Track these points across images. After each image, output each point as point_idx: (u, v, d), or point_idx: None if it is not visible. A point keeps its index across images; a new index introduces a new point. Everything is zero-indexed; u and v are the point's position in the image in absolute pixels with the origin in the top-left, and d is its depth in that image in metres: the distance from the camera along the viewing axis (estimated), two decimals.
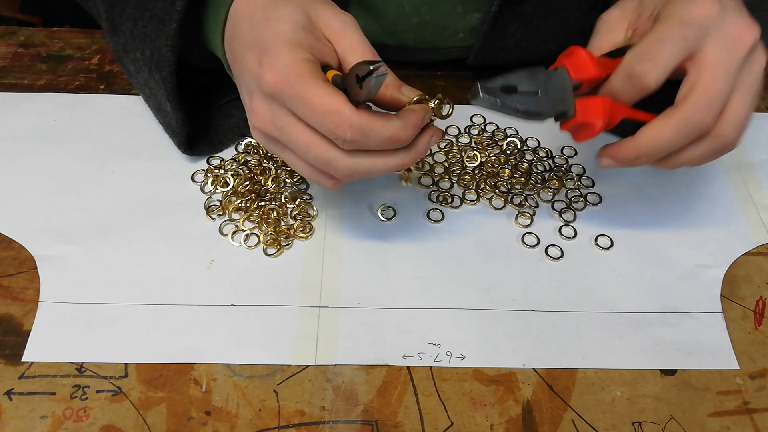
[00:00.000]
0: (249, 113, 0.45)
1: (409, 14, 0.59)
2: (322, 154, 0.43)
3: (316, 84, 0.41)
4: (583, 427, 0.45)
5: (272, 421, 0.44)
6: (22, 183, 0.56)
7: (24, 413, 0.44)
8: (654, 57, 0.43)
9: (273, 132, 0.44)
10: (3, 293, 0.49)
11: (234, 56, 0.46)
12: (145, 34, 0.51)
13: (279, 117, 0.43)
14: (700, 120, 0.43)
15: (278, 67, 0.42)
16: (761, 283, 0.53)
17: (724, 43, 0.43)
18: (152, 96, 0.56)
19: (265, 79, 0.42)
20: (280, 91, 0.42)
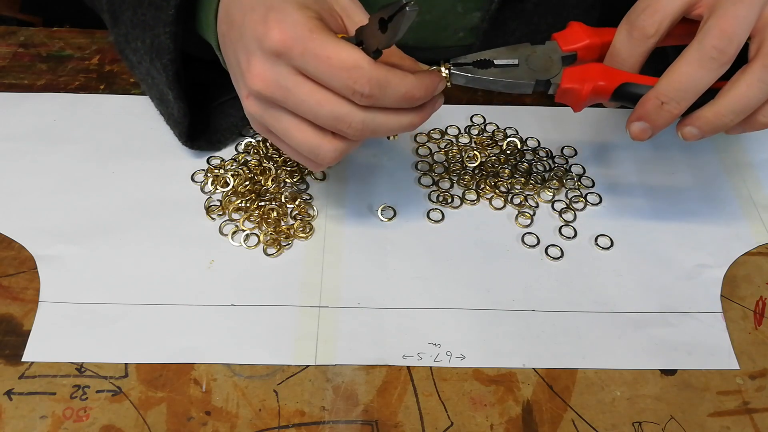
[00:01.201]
0: (247, 77, 0.42)
1: None
2: (336, 110, 0.41)
3: (330, 38, 0.40)
4: (583, 427, 0.45)
5: (272, 421, 0.44)
6: (22, 183, 0.56)
7: (24, 413, 0.44)
8: (651, 4, 0.41)
9: (276, 94, 0.42)
10: (3, 293, 0.50)
11: (231, 25, 0.44)
12: (145, 22, 0.51)
13: (285, 76, 0.41)
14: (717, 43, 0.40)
15: (287, 23, 0.40)
16: (761, 283, 0.53)
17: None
18: (154, 86, 0.55)
19: (271, 35, 0.40)
20: (289, 47, 0.40)
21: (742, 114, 0.43)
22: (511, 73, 0.42)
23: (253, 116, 0.45)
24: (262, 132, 0.47)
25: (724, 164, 0.61)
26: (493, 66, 0.42)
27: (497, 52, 0.42)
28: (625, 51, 0.42)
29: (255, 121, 0.46)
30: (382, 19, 0.39)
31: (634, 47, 0.42)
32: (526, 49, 0.43)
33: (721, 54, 0.41)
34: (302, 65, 0.41)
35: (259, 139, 0.59)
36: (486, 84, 0.42)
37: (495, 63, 0.42)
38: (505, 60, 0.42)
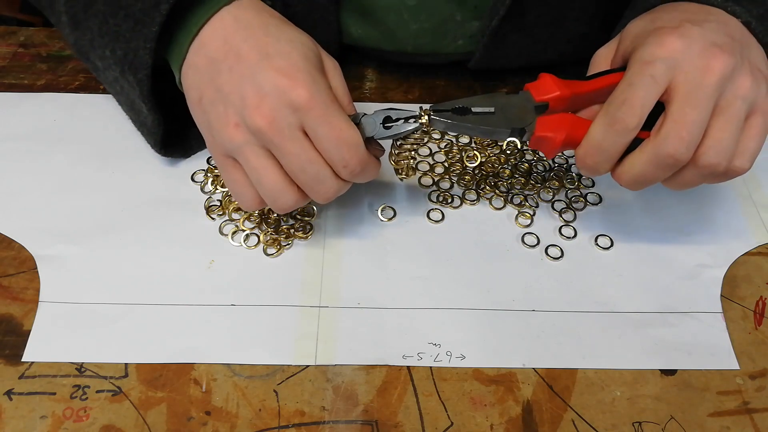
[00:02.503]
0: (250, 111, 0.44)
1: (408, 21, 0.59)
2: (321, 173, 0.45)
3: (343, 114, 0.44)
4: (583, 427, 0.45)
5: (272, 421, 0.44)
6: (22, 183, 0.56)
7: (24, 413, 0.44)
8: (628, 100, 0.43)
9: (274, 137, 0.44)
10: (3, 293, 0.50)
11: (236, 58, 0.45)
12: (118, 33, 0.49)
13: (291, 127, 0.44)
14: (674, 150, 0.43)
15: (315, 87, 0.43)
16: (761, 283, 0.53)
17: (692, 74, 0.43)
18: (123, 94, 0.55)
19: (298, 92, 0.43)
20: (311, 108, 0.43)
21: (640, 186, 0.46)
22: (488, 120, 0.44)
23: (231, 144, 0.45)
24: (223, 161, 0.47)
25: None
26: (470, 113, 0.44)
27: (474, 100, 0.45)
28: (608, 142, 0.44)
29: (224, 150, 0.46)
30: (389, 118, 0.45)
31: (616, 139, 0.44)
32: (502, 97, 0.45)
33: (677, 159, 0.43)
34: (312, 126, 0.44)
35: None
36: (464, 130, 0.45)
37: (472, 111, 0.44)
38: (481, 108, 0.45)
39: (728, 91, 0.43)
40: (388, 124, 0.46)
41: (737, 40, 0.45)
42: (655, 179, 0.46)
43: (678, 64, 0.43)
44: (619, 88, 0.44)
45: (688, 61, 0.43)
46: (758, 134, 0.45)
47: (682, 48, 0.43)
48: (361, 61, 0.67)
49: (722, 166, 0.44)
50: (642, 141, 0.44)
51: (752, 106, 0.44)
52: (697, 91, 0.43)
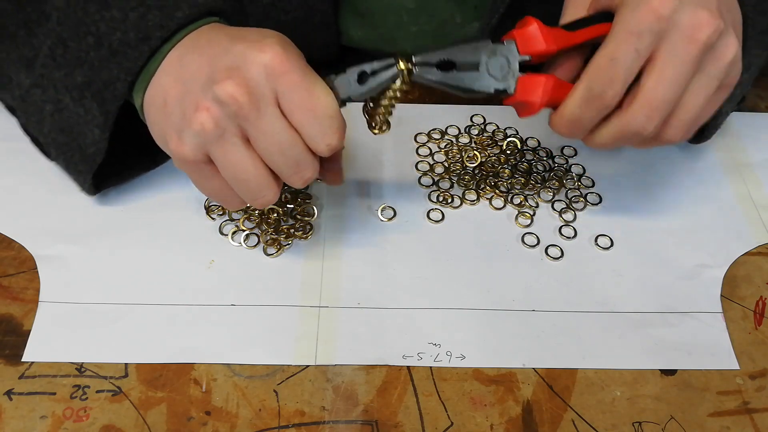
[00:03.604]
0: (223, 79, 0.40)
1: (407, 24, 0.59)
2: (300, 154, 0.42)
3: (320, 81, 0.40)
4: (583, 427, 0.45)
5: (272, 421, 0.44)
6: (22, 183, 0.56)
7: (24, 413, 0.44)
8: (610, 77, 0.41)
9: (250, 110, 0.40)
10: (3, 293, 0.49)
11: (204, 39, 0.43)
12: (82, 59, 0.46)
13: (265, 99, 0.40)
14: (642, 129, 0.42)
15: (288, 52, 0.40)
16: (761, 283, 0.53)
17: (675, 44, 0.41)
18: (59, 116, 0.49)
19: (271, 56, 0.39)
20: (285, 71, 0.39)
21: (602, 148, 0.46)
22: (471, 79, 0.43)
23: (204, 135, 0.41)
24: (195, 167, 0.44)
25: (724, 164, 0.61)
26: (454, 69, 0.42)
27: (460, 51, 0.42)
28: (585, 117, 0.43)
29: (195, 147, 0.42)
30: (364, 73, 0.40)
31: (594, 114, 0.43)
32: (488, 48, 0.43)
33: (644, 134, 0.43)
34: (288, 94, 0.40)
35: None
36: (444, 88, 0.43)
37: (457, 65, 0.42)
38: (467, 61, 0.42)
39: (708, 62, 0.41)
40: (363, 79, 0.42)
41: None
42: (619, 146, 0.45)
43: (664, 32, 0.41)
44: (601, 61, 0.42)
45: (674, 27, 0.40)
46: (714, 108, 0.44)
47: (670, 12, 0.40)
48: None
49: (679, 139, 0.43)
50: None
51: (723, 79, 0.43)
52: (677, 65, 0.41)
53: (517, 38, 0.43)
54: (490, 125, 0.63)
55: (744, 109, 0.66)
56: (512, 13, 0.56)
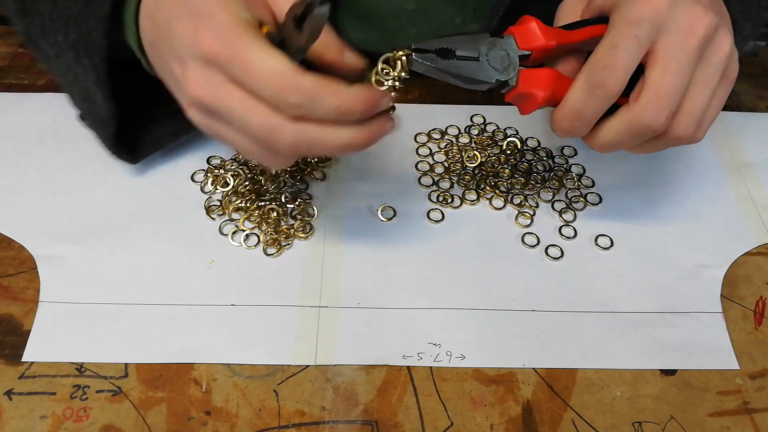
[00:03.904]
0: (184, 86, 0.41)
1: (407, 26, 0.59)
2: (264, 121, 0.39)
3: (256, 44, 0.38)
4: (583, 427, 0.45)
5: (272, 421, 0.44)
6: (22, 183, 0.56)
7: (24, 413, 0.44)
8: (611, 64, 0.41)
9: (210, 101, 0.40)
10: (3, 293, 0.50)
11: (158, 31, 0.42)
12: (69, 15, 0.47)
13: (217, 84, 0.39)
14: (652, 121, 0.42)
15: (215, 29, 0.38)
16: (761, 283, 0.53)
17: (675, 36, 0.41)
18: (76, 83, 0.51)
19: (202, 43, 0.38)
20: (218, 53, 0.38)
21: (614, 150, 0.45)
22: (471, 69, 0.41)
23: (198, 125, 0.43)
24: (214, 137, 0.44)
25: (724, 164, 0.61)
26: (454, 57, 0.41)
27: (459, 41, 0.41)
28: (588, 108, 0.43)
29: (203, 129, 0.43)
30: (295, 17, 0.37)
31: (597, 104, 0.43)
32: (486, 41, 0.42)
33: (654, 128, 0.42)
34: (232, 72, 0.39)
35: None
36: (445, 77, 0.41)
37: (456, 54, 0.41)
38: (466, 52, 0.41)
39: (708, 54, 0.42)
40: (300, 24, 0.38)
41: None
42: (628, 146, 0.44)
43: (662, 24, 0.41)
44: (601, 50, 0.42)
45: (671, 21, 0.41)
46: (720, 104, 0.44)
47: (666, 6, 0.41)
48: None
49: (690, 136, 0.43)
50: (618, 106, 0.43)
51: (724, 71, 0.43)
52: (679, 57, 0.41)
53: (516, 34, 0.43)
54: (490, 125, 0.63)
55: (744, 109, 0.66)
56: (511, 15, 0.56)
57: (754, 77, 0.69)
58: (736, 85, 0.67)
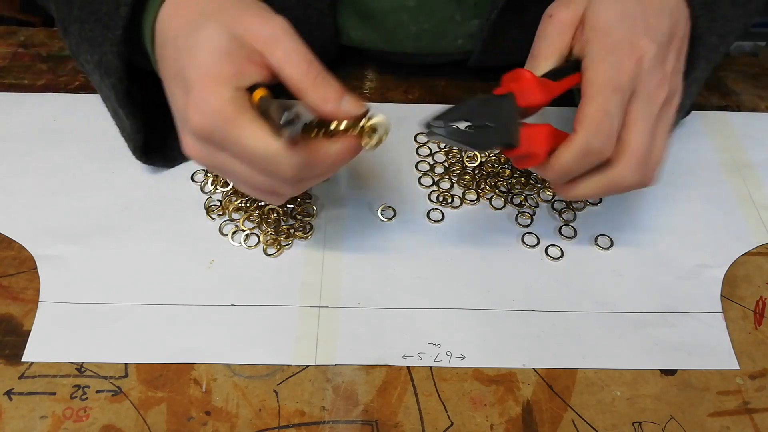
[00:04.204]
0: (182, 143, 0.43)
1: (407, 23, 0.59)
2: (265, 184, 0.43)
3: (246, 128, 0.40)
4: (583, 427, 0.45)
5: (272, 421, 0.44)
6: (22, 183, 0.56)
7: (24, 413, 0.44)
8: (607, 132, 0.43)
9: (209, 165, 0.43)
10: (3, 293, 0.50)
11: (164, 81, 0.45)
12: (93, 38, 0.49)
13: (213, 155, 0.42)
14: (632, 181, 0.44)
15: (204, 112, 0.40)
16: (761, 283, 0.53)
17: (644, 101, 0.43)
18: (107, 100, 0.54)
19: (192, 122, 0.40)
20: (209, 134, 0.41)
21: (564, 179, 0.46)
22: (483, 136, 0.43)
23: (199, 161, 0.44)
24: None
25: (724, 164, 0.61)
26: (464, 129, 0.43)
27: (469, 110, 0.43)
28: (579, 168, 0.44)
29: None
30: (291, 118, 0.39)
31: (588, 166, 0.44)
32: (493, 103, 0.44)
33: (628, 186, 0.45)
34: (227, 149, 0.41)
35: None
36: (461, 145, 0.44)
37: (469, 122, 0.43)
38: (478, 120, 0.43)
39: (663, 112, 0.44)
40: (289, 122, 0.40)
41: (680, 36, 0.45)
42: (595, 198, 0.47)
43: (634, 89, 0.43)
44: (595, 116, 0.43)
45: (642, 86, 0.43)
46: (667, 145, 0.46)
47: (636, 75, 0.43)
48: (361, 62, 0.67)
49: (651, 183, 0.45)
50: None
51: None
52: (648, 120, 0.43)
53: (516, 91, 0.44)
54: None
55: (744, 109, 0.66)
56: (511, 7, 0.56)
57: (754, 77, 0.69)
58: (736, 85, 0.68)
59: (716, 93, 0.67)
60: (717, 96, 0.67)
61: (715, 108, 0.66)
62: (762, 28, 0.90)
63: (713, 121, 0.64)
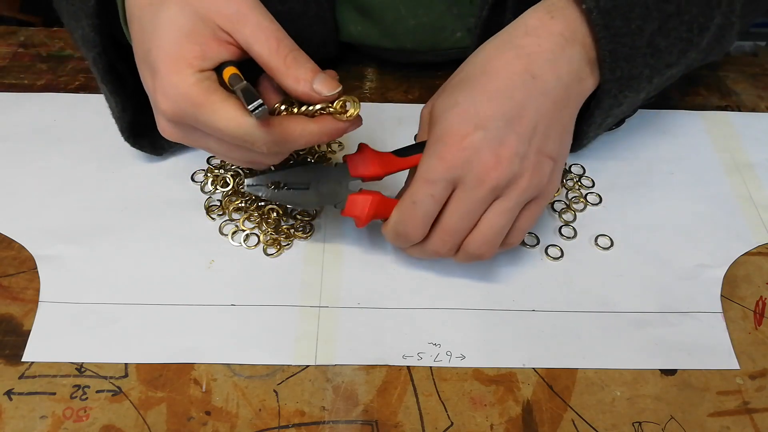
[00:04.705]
0: (157, 122, 0.44)
1: (406, 17, 0.59)
2: (244, 157, 0.44)
3: (215, 110, 0.40)
4: (583, 427, 0.45)
5: (272, 421, 0.44)
6: (22, 183, 0.56)
7: (24, 413, 0.44)
8: (411, 218, 0.46)
9: (186, 142, 0.44)
10: (3, 293, 0.50)
11: (136, 62, 0.44)
12: (74, 12, 0.49)
13: (188, 135, 0.43)
14: (438, 251, 0.47)
15: (171, 96, 0.40)
16: (761, 283, 0.53)
17: (468, 186, 0.44)
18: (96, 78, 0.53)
19: (161, 106, 0.41)
20: (180, 118, 0.41)
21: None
22: (299, 196, 0.48)
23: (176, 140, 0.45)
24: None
25: (724, 164, 0.61)
26: (285, 188, 0.48)
27: (291, 173, 0.48)
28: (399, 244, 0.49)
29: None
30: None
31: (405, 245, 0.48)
32: (319, 170, 0.48)
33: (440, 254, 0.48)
34: (198, 129, 0.42)
35: None
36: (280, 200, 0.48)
37: (287, 186, 0.48)
38: (298, 181, 0.48)
39: (507, 192, 0.45)
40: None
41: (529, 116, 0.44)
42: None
43: (458, 177, 0.44)
44: (404, 202, 0.46)
45: (466, 174, 0.44)
46: (532, 216, 0.47)
47: (461, 162, 0.44)
48: (360, 61, 0.67)
49: (482, 255, 0.47)
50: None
51: (532, 196, 0.46)
52: (468, 204, 0.45)
53: (349, 162, 0.48)
54: None
55: (744, 109, 0.66)
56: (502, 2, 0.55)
57: (754, 77, 0.69)
58: (736, 85, 0.68)
59: (716, 93, 0.67)
60: (717, 96, 0.67)
61: (715, 108, 0.66)
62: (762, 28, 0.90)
63: (713, 121, 0.64)
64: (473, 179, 0.44)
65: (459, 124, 0.44)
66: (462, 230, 0.46)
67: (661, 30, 0.46)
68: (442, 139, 0.44)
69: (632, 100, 0.50)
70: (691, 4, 0.47)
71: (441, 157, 0.44)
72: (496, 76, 0.45)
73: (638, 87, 0.49)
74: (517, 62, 0.45)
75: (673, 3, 0.46)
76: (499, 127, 0.44)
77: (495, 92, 0.44)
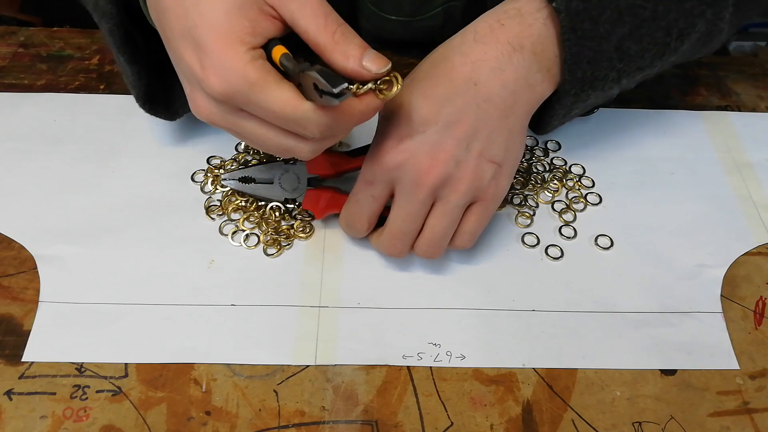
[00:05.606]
0: (191, 103, 0.42)
1: None
2: (282, 143, 0.42)
3: (271, 89, 0.38)
4: (583, 427, 0.45)
5: (272, 421, 0.44)
6: (22, 183, 0.56)
7: (24, 413, 0.44)
8: (355, 213, 0.49)
9: (222, 125, 0.42)
10: (3, 293, 0.50)
11: (166, 36, 0.42)
12: None
13: (229, 117, 0.41)
14: (389, 252, 0.49)
15: (224, 75, 0.38)
16: (761, 283, 0.53)
17: (406, 188, 0.46)
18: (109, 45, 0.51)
19: (211, 84, 0.39)
20: (231, 98, 0.39)
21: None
22: (265, 190, 0.54)
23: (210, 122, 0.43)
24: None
25: (724, 164, 0.61)
26: (253, 182, 0.54)
27: (258, 170, 0.54)
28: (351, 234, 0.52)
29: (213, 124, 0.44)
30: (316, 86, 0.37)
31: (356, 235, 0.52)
32: (281, 168, 0.54)
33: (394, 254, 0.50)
34: (247, 110, 0.40)
35: None
36: (248, 192, 0.54)
37: (255, 180, 0.54)
38: (263, 177, 0.54)
39: (444, 194, 0.46)
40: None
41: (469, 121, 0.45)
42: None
43: (396, 178, 0.46)
44: (350, 199, 0.49)
45: (404, 176, 0.45)
46: (478, 219, 0.48)
47: (398, 165, 0.45)
48: None
49: (428, 256, 0.49)
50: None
51: (473, 199, 0.47)
52: (409, 205, 0.46)
53: (307, 163, 0.53)
54: None
55: (744, 109, 0.66)
56: None
57: (754, 77, 0.69)
58: (736, 85, 0.68)
59: (716, 93, 0.67)
60: (717, 96, 0.67)
61: (715, 108, 0.66)
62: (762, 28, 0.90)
63: (713, 121, 0.64)
64: (410, 182, 0.45)
65: (398, 127, 0.45)
66: (409, 232, 0.48)
67: (633, 35, 0.46)
68: (381, 141, 0.46)
69: (600, 96, 0.50)
70: (670, 9, 0.46)
71: (378, 160, 0.46)
72: (440, 81, 0.45)
73: (604, 87, 0.48)
74: (462, 69, 0.45)
75: (649, 8, 0.46)
76: (437, 131, 0.45)
77: (436, 97, 0.45)
